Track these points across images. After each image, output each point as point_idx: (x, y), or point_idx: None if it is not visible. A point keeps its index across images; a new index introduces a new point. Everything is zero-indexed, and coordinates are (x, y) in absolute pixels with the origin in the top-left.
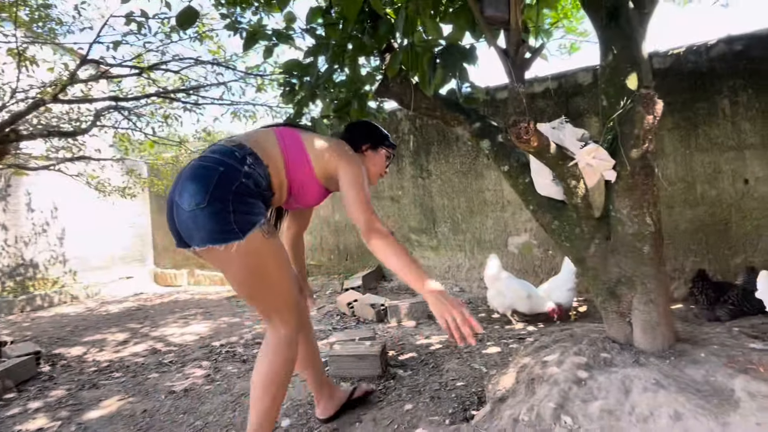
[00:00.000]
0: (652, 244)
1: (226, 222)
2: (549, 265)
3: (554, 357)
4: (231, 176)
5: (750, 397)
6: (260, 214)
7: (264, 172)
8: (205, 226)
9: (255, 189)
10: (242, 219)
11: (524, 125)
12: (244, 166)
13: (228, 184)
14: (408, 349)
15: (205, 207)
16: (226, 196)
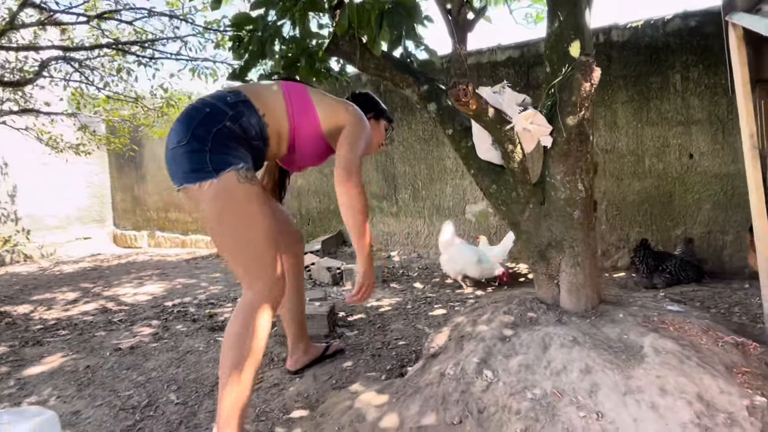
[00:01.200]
0: (582, 210)
1: (201, 161)
2: (504, 233)
3: (485, 316)
4: (215, 118)
5: (655, 353)
6: (240, 158)
7: (257, 122)
8: (182, 165)
9: (240, 134)
10: (218, 159)
11: (462, 87)
12: (231, 110)
13: (210, 125)
14: (358, 311)
15: (185, 144)
16: (205, 136)
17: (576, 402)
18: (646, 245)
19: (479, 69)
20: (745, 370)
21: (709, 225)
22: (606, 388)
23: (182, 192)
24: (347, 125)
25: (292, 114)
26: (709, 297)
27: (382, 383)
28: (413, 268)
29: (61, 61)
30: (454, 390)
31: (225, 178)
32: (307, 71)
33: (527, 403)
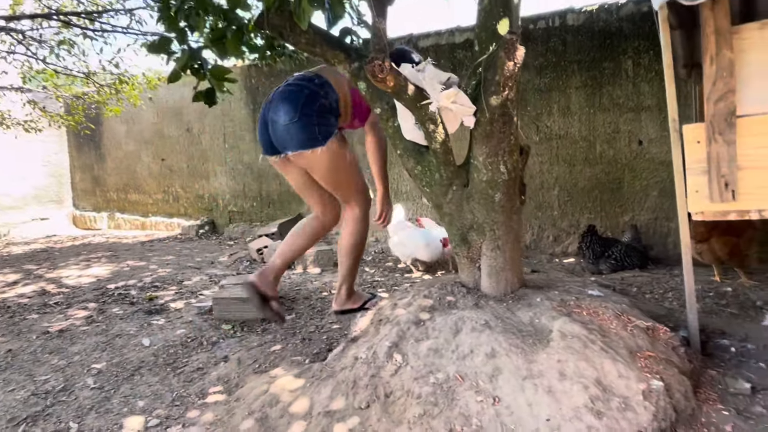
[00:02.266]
0: (504, 192)
1: (312, 132)
2: None
3: (405, 299)
4: (314, 98)
5: (561, 337)
6: (335, 126)
7: (336, 97)
8: (296, 136)
9: (330, 108)
10: (324, 130)
11: (378, 63)
12: (322, 90)
13: (312, 103)
14: (302, 295)
15: (296, 121)
16: (311, 113)
17: (476, 386)
18: (593, 231)
19: (437, 51)
20: (649, 354)
21: (656, 212)
22: (507, 372)
23: (294, 156)
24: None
25: (350, 88)
26: (647, 283)
27: (303, 367)
28: (369, 252)
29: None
30: (364, 374)
31: (330, 143)
32: (235, 45)
33: (429, 387)
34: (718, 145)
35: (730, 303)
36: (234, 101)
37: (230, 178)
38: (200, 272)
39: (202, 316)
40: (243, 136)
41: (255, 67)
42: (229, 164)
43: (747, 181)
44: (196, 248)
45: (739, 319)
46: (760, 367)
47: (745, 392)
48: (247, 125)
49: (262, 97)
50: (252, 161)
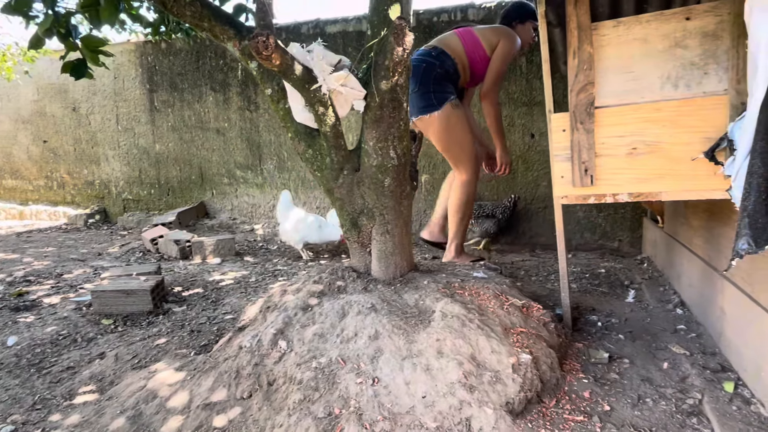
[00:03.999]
0: (394, 177)
1: (429, 99)
2: None
3: (296, 285)
4: (430, 69)
5: (442, 317)
6: (450, 93)
7: (451, 62)
8: (417, 104)
9: (446, 75)
10: (439, 96)
11: (263, 39)
12: (437, 61)
13: (428, 74)
14: (197, 285)
15: (416, 91)
16: (428, 82)
17: (357, 369)
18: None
19: (345, 38)
20: (521, 330)
21: (545, 201)
22: (388, 353)
23: (417, 121)
24: (499, 46)
25: (467, 51)
26: (534, 266)
27: (186, 360)
28: (275, 242)
29: None
30: (248, 363)
31: (445, 109)
32: (110, 13)
33: (310, 372)
34: (580, 133)
35: (602, 283)
36: (128, 80)
37: (124, 163)
38: (84, 264)
39: (79, 312)
40: (139, 118)
41: (152, 44)
42: (123, 148)
43: (603, 168)
44: (83, 239)
45: (608, 296)
46: (619, 338)
47: (604, 361)
48: (143, 106)
49: (161, 76)
50: (149, 145)
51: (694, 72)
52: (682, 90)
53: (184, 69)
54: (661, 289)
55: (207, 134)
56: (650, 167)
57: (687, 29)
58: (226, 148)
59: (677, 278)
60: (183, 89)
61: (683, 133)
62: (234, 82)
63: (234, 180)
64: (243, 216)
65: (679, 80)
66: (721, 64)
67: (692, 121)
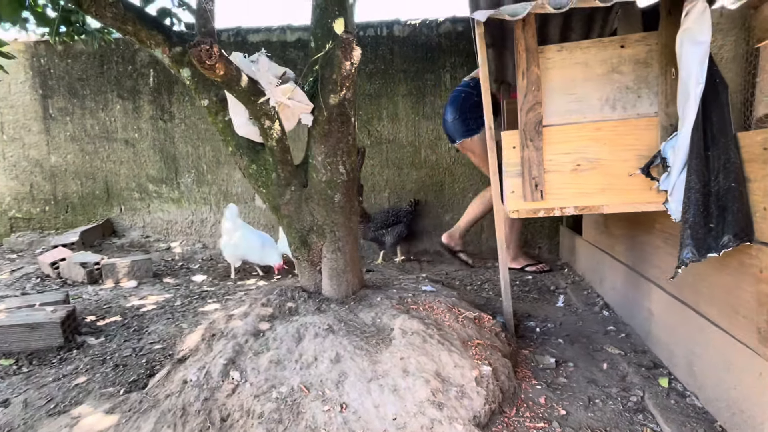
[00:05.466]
0: (343, 193)
1: (468, 124)
2: None
3: (242, 309)
4: (468, 97)
5: (402, 334)
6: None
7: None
8: (459, 129)
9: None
10: (476, 122)
11: (206, 47)
12: (474, 90)
13: (466, 103)
14: (113, 313)
15: (458, 118)
16: (465, 110)
17: (322, 396)
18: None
19: (268, 48)
20: (478, 342)
21: None
22: (353, 376)
23: (459, 145)
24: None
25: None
26: (467, 276)
27: (116, 400)
28: (196, 260)
29: None
30: (196, 398)
31: (482, 132)
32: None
33: (272, 403)
34: (530, 150)
35: (531, 289)
36: (15, 84)
37: (11, 177)
38: None
39: None
40: (29, 127)
41: (46, 44)
42: (9, 160)
43: (550, 183)
44: None
45: (539, 302)
46: (559, 343)
47: (551, 366)
48: (34, 113)
49: (57, 81)
50: (42, 157)
51: (629, 95)
52: (619, 111)
53: (85, 74)
54: (585, 293)
55: (114, 145)
56: (593, 182)
57: (622, 56)
58: (137, 161)
59: (599, 282)
60: (84, 96)
61: (621, 150)
62: (145, 90)
63: (146, 195)
64: (157, 233)
65: (616, 102)
66: (652, 89)
67: (628, 140)
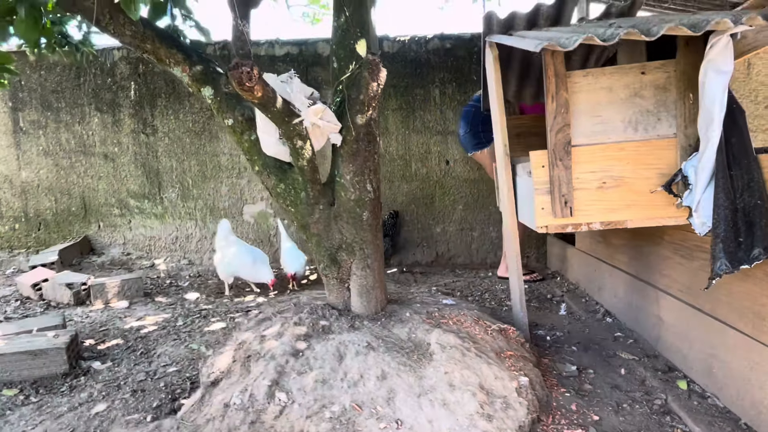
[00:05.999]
0: (371, 211)
1: (479, 138)
2: None
3: (274, 329)
4: (477, 113)
5: (441, 349)
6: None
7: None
8: (470, 142)
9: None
10: (487, 136)
11: (246, 69)
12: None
13: (476, 118)
14: (113, 335)
15: (469, 132)
16: (476, 124)
17: (376, 413)
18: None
19: (256, 61)
20: (510, 354)
21: (462, 223)
22: (402, 392)
23: (472, 156)
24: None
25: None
26: (465, 287)
27: (147, 428)
28: (183, 277)
29: None
30: (242, 422)
31: (490, 146)
32: (28, 27)
33: (326, 423)
34: (559, 169)
35: (530, 298)
36: None
37: None
38: None
39: None
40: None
41: (17, 55)
42: None
43: (579, 200)
44: None
45: (542, 311)
46: (573, 350)
47: (573, 374)
48: (3, 126)
49: (29, 93)
50: (12, 173)
51: (650, 118)
52: (641, 133)
53: (60, 86)
54: (584, 301)
55: (92, 160)
56: (617, 199)
57: (643, 82)
58: (117, 175)
59: (597, 290)
60: (59, 109)
61: (643, 169)
62: (126, 103)
63: (127, 210)
64: (139, 250)
65: (638, 124)
66: (671, 112)
67: (650, 159)
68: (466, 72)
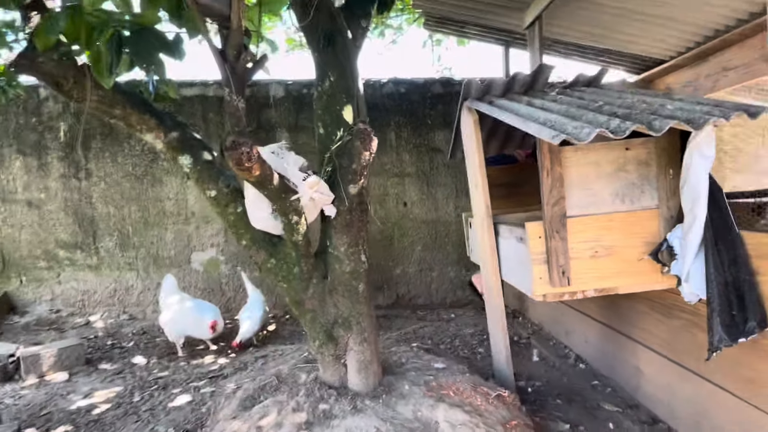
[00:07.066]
0: (365, 282)
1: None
2: (237, 282)
3: (271, 419)
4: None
5: (452, 428)
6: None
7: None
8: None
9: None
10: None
11: (246, 150)
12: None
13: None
14: (58, 421)
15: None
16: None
17: None
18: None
19: (204, 103)
20: (514, 423)
21: (421, 263)
22: None
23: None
24: None
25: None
26: (434, 333)
27: None
28: (126, 336)
29: None
30: None
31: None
32: None
33: None
34: (556, 241)
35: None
36: None
37: None
38: None
39: None
40: None
41: None
42: None
43: (574, 269)
44: None
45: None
46: (558, 404)
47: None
48: None
49: None
50: None
51: (635, 190)
52: (627, 204)
53: None
54: (551, 344)
55: (12, 207)
56: (609, 267)
57: (627, 157)
58: (43, 224)
59: (565, 334)
60: None
61: (630, 238)
62: (54, 145)
63: (56, 263)
64: (70, 306)
65: (624, 196)
66: (653, 185)
67: (636, 229)
68: (420, 116)
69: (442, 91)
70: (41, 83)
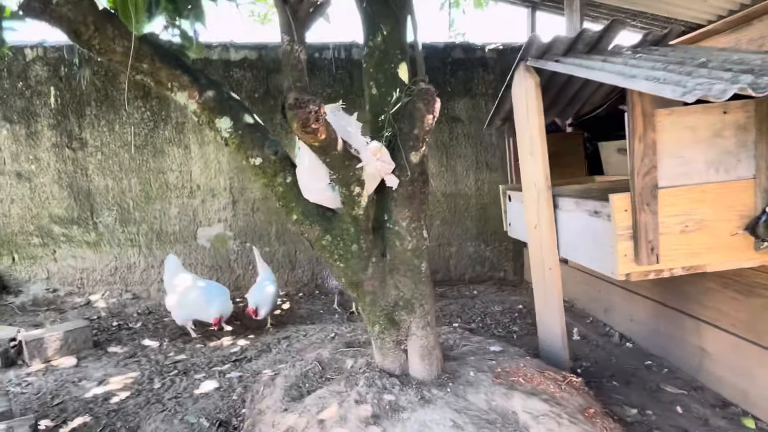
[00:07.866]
0: (427, 260)
1: None
2: (246, 259)
3: (332, 411)
4: None
5: (534, 420)
6: None
7: None
8: None
9: None
10: None
11: (314, 108)
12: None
13: None
14: (74, 411)
15: None
16: None
17: None
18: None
19: (209, 66)
20: (593, 412)
21: (440, 239)
22: None
23: None
24: None
25: None
26: (460, 310)
27: None
28: (131, 316)
29: None
30: None
31: None
32: None
33: None
34: (646, 214)
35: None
36: None
37: None
38: None
39: None
40: None
41: None
42: None
43: (663, 245)
44: None
45: None
46: (614, 386)
47: (637, 418)
48: None
49: None
50: None
51: (731, 159)
52: (722, 174)
53: None
54: (589, 322)
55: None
56: (699, 243)
57: (724, 121)
58: (35, 198)
59: (603, 311)
60: None
61: (723, 211)
62: (44, 112)
63: (50, 239)
64: (68, 285)
65: (719, 165)
66: (750, 153)
67: (729, 202)
68: (440, 82)
69: (463, 56)
70: (27, 43)
